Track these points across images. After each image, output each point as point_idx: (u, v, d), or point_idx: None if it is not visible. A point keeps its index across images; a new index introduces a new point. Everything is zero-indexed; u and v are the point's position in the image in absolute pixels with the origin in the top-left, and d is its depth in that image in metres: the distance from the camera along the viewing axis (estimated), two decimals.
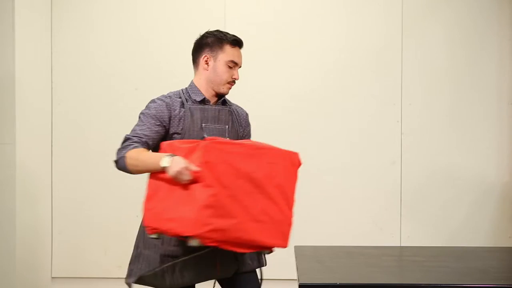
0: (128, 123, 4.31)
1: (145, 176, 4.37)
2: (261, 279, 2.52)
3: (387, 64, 4.26)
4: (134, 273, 2.43)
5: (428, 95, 4.25)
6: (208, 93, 2.57)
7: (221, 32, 2.55)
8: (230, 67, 2.53)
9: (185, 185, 2.19)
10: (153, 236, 2.26)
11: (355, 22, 4.28)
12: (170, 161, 2.22)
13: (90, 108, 4.34)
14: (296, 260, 2.58)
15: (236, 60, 2.54)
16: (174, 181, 2.21)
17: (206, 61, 2.52)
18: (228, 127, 2.61)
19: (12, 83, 3.86)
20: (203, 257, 2.30)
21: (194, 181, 2.16)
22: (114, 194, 4.31)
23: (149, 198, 2.28)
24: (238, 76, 2.57)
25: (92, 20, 4.35)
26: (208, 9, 4.31)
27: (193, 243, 2.12)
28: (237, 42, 2.54)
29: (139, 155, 2.37)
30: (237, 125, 2.65)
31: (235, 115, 2.66)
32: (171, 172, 2.20)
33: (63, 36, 4.35)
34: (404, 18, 4.25)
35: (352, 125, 4.25)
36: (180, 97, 2.56)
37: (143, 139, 2.45)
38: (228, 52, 2.52)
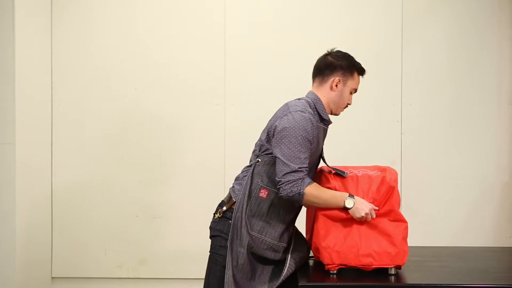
0: (128, 123, 4.35)
1: (146, 176, 4.38)
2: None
3: (387, 64, 4.26)
4: None
5: (428, 95, 4.25)
6: (328, 112, 2.61)
7: (351, 57, 2.61)
8: (351, 94, 2.62)
9: (368, 222, 2.34)
10: (334, 272, 2.36)
11: (355, 22, 4.28)
12: (353, 202, 2.33)
13: (90, 108, 4.34)
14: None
15: (357, 88, 2.63)
16: (348, 219, 2.32)
17: (337, 84, 2.55)
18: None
19: (12, 83, 3.86)
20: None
21: (376, 215, 2.34)
22: (114, 194, 4.31)
23: (325, 237, 2.35)
24: (351, 101, 2.66)
25: (92, 20, 4.35)
26: (208, 9, 4.31)
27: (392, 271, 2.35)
28: (364, 72, 2.62)
29: (321, 194, 2.37)
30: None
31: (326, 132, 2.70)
32: (357, 214, 2.33)
33: (63, 36, 4.35)
34: (404, 18, 4.25)
35: (352, 125, 4.25)
36: (313, 113, 2.52)
37: (307, 167, 2.43)
38: (355, 80, 2.60)
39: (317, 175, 2.50)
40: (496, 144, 4.24)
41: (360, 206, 2.32)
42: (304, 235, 2.66)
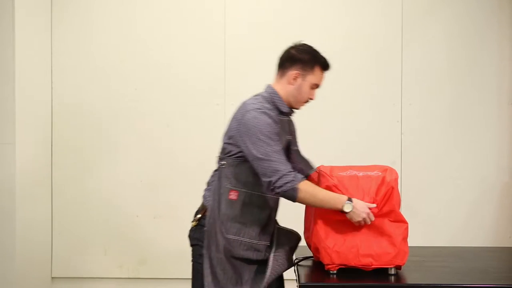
0: (127, 123, 4.34)
1: (146, 176, 4.37)
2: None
3: (387, 64, 4.26)
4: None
5: (428, 95, 4.25)
6: (287, 105, 2.55)
7: (315, 51, 2.53)
8: (312, 89, 2.53)
9: (369, 223, 2.33)
10: (334, 272, 2.35)
11: (355, 22, 4.28)
12: (352, 206, 2.29)
13: (90, 108, 4.34)
14: (296, 260, 2.58)
15: (320, 83, 2.55)
16: (348, 219, 2.30)
17: (295, 77, 2.49)
18: (294, 137, 2.65)
19: (12, 83, 3.86)
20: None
21: (376, 216, 2.32)
22: (114, 194, 4.31)
23: (325, 237, 2.35)
24: (315, 97, 2.57)
25: (92, 20, 4.35)
26: (208, 9, 4.31)
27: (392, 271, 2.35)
28: (327, 67, 2.54)
29: (317, 193, 2.31)
30: (295, 134, 2.66)
31: (293, 123, 2.66)
32: (356, 218, 2.30)
33: (63, 36, 4.35)
34: (404, 18, 4.25)
35: (352, 125, 4.25)
36: (271, 107, 2.46)
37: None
38: (317, 75, 2.52)
39: (316, 175, 2.50)
40: (496, 144, 4.24)
41: (358, 210, 2.28)
42: (302, 234, 2.65)
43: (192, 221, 2.52)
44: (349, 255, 2.31)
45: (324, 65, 2.53)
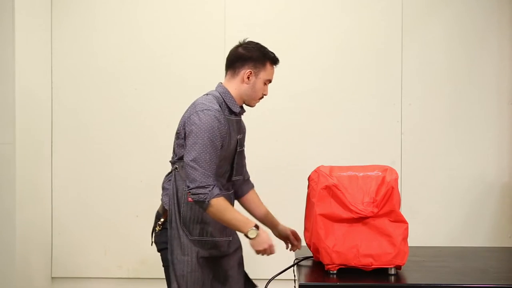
0: (128, 123, 4.34)
1: (146, 176, 4.37)
2: None
3: (387, 64, 4.26)
4: None
5: (428, 95, 4.25)
6: (239, 104, 2.57)
7: (263, 47, 2.56)
8: (265, 84, 2.56)
9: (368, 223, 2.32)
10: (334, 272, 2.35)
11: (355, 22, 4.28)
12: (256, 234, 2.34)
13: (90, 108, 4.34)
14: (296, 260, 2.58)
15: (272, 78, 2.57)
16: (347, 220, 2.30)
17: (249, 76, 2.51)
18: (243, 137, 2.66)
19: (12, 83, 3.86)
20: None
21: (376, 216, 2.30)
22: (114, 194, 4.31)
23: (325, 237, 2.34)
24: (267, 92, 2.59)
25: (92, 20, 4.35)
26: (208, 9, 4.31)
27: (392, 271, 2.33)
28: (277, 62, 2.57)
29: (226, 212, 2.35)
30: (244, 134, 2.69)
31: (242, 122, 2.68)
32: (256, 247, 2.35)
33: (63, 36, 4.35)
34: (404, 18, 4.25)
35: (352, 125, 4.25)
36: (220, 107, 2.48)
37: (214, 171, 2.39)
38: (268, 71, 2.54)
39: (316, 175, 2.49)
40: (496, 144, 4.23)
41: (262, 239, 2.34)
42: (302, 234, 2.65)
43: (156, 226, 2.55)
44: (349, 255, 2.31)
45: (273, 60, 2.55)
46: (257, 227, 2.35)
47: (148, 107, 4.31)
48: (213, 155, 2.35)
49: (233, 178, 2.58)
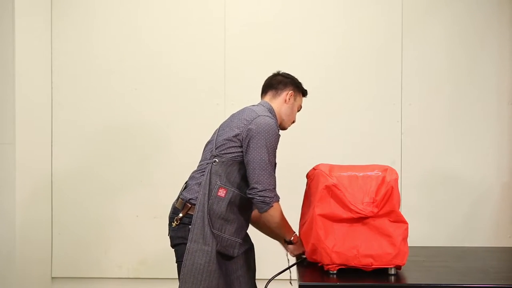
0: (127, 123, 4.34)
1: (146, 176, 4.37)
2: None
3: (387, 64, 4.26)
4: None
5: (428, 95, 4.25)
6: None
7: (298, 80, 2.79)
8: (298, 111, 2.79)
9: (368, 223, 2.33)
10: (334, 272, 2.37)
11: (355, 22, 4.28)
12: (297, 240, 2.59)
13: (90, 108, 4.34)
14: (296, 260, 2.58)
15: (301, 107, 2.82)
16: (347, 220, 2.33)
17: (290, 97, 2.71)
18: None
19: (12, 83, 3.86)
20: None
21: (376, 216, 2.33)
22: (114, 194, 4.31)
23: (324, 238, 2.35)
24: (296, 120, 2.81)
25: (92, 20, 4.35)
26: (208, 9, 4.31)
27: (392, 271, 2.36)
28: (306, 94, 2.82)
29: (281, 216, 2.54)
30: None
31: None
32: (297, 251, 2.60)
33: (63, 36, 4.35)
34: (404, 18, 4.25)
35: (352, 125, 4.25)
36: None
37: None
38: (301, 99, 2.80)
39: (316, 175, 2.49)
40: (496, 144, 4.23)
41: (299, 246, 2.56)
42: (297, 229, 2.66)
43: (173, 222, 2.58)
44: (349, 256, 2.31)
45: (305, 92, 2.80)
46: (297, 235, 2.57)
47: (148, 107, 4.31)
48: (275, 160, 2.55)
49: None
